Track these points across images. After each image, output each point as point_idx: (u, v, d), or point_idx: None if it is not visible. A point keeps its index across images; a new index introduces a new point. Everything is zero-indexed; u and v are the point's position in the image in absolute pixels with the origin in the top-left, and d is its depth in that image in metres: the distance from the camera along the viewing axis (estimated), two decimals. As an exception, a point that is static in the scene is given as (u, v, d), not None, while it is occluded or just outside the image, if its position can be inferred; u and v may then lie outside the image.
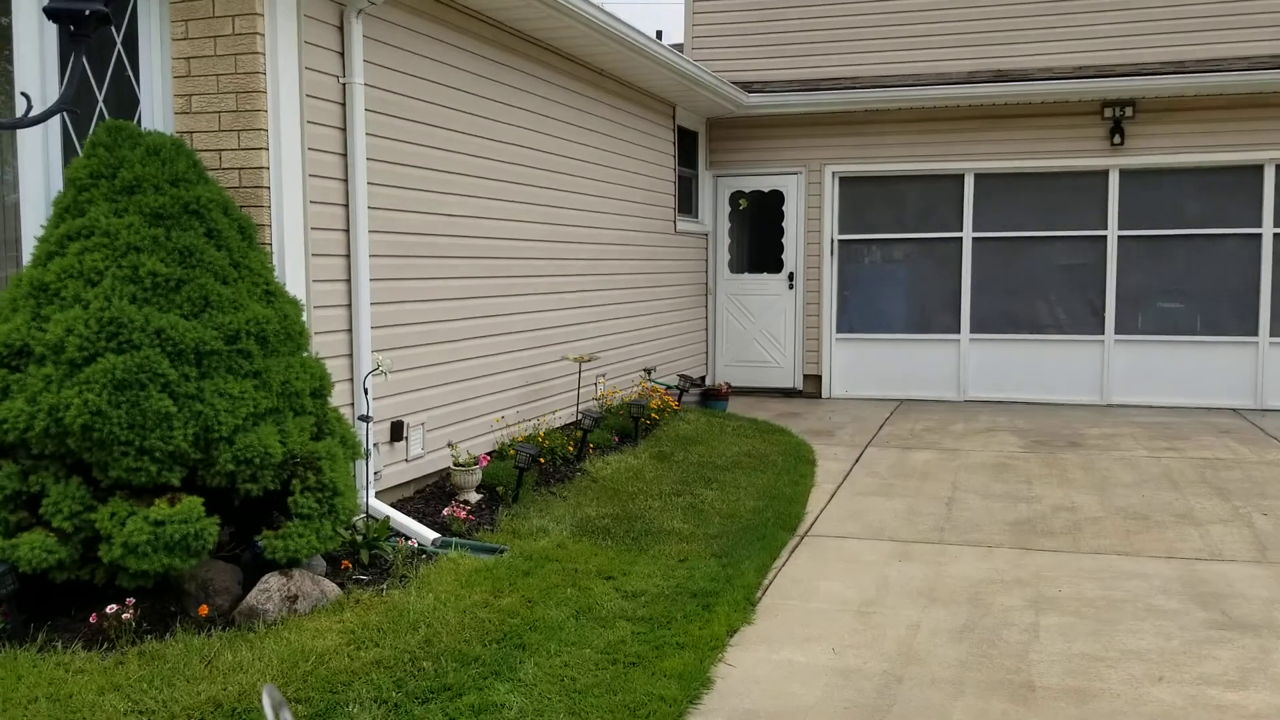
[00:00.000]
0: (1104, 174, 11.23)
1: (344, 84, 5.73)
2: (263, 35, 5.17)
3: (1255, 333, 10.98)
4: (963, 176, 11.65)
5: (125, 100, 5.38)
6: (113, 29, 5.33)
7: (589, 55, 8.63)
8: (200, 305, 4.68)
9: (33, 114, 3.30)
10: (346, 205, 5.80)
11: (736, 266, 12.67)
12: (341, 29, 5.70)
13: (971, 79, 11.21)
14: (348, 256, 5.82)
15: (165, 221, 4.73)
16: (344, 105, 5.75)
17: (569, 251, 8.66)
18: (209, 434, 4.55)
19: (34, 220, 5.43)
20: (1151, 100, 10.91)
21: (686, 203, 12.08)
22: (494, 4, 6.93)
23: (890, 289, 12.11)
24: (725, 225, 12.54)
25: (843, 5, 11.94)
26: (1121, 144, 11.00)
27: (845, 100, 11.43)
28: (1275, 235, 10.87)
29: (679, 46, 12.86)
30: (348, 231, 5.81)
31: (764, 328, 12.47)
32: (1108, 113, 10.97)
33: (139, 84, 5.35)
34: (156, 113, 5.34)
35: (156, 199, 4.73)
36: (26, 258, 5.19)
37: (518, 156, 7.75)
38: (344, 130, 5.76)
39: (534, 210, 8.02)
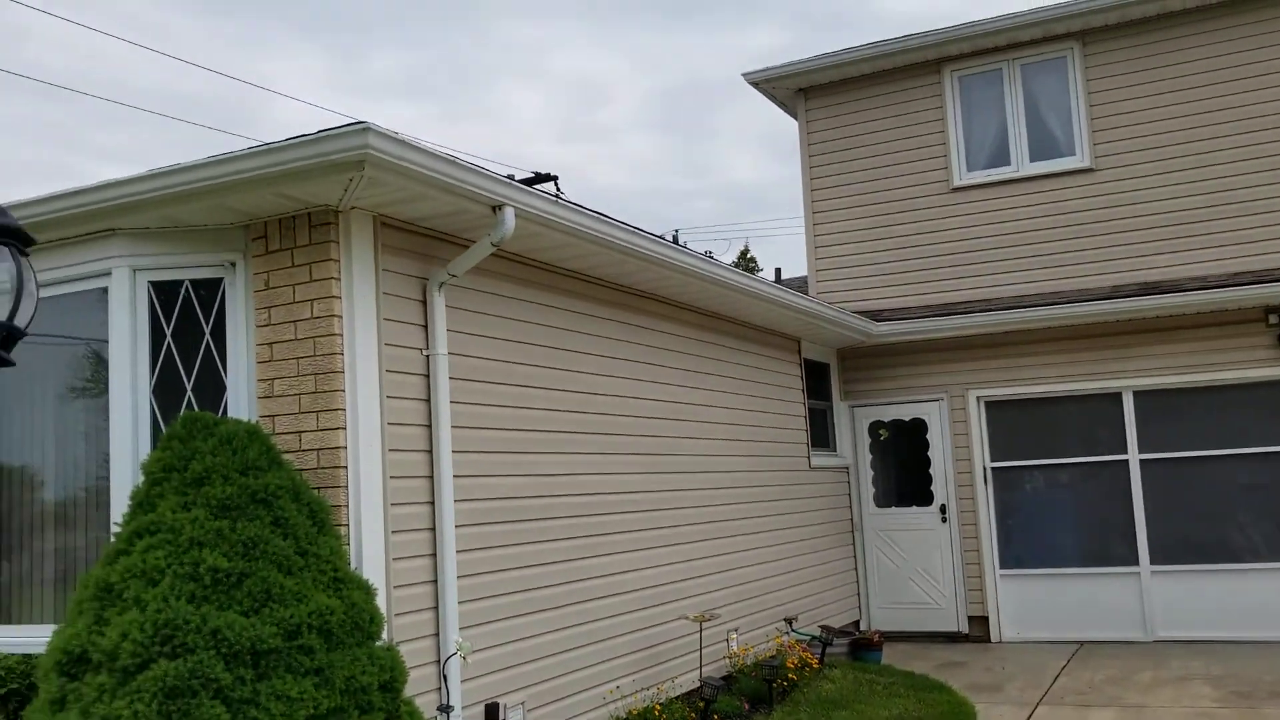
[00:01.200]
0: (1277, 384, 10.24)
1: (427, 355, 5.68)
2: (340, 317, 5.18)
3: None
4: (1120, 394, 10.83)
5: (213, 387, 5.44)
6: (201, 320, 5.46)
7: (697, 300, 8.51)
8: (261, 599, 4.47)
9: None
10: (431, 477, 5.62)
11: (882, 500, 11.98)
12: (424, 302, 5.70)
13: (1116, 293, 10.59)
14: (432, 529, 5.59)
15: (231, 513, 4.61)
16: (427, 376, 5.67)
17: (686, 499, 8.27)
18: (262, 741, 4.23)
19: (120, 513, 5.44)
20: (1323, 301, 10.02)
21: (822, 436, 11.61)
22: (588, 263, 6.90)
23: (1055, 518, 11.16)
24: (866, 457, 11.96)
25: (970, 229, 11.65)
26: (1295, 350, 10.07)
27: (981, 323, 10.94)
28: None
29: (802, 281, 12.74)
30: (432, 504, 5.61)
31: (919, 565, 11.62)
32: (1273, 319, 10.10)
33: (225, 370, 5.41)
34: (241, 397, 5.36)
35: (224, 490, 4.63)
36: (113, 550, 5.14)
37: (623, 407, 7.54)
38: (427, 401, 5.66)
39: (643, 460, 7.73)
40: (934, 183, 11.83)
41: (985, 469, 11.34)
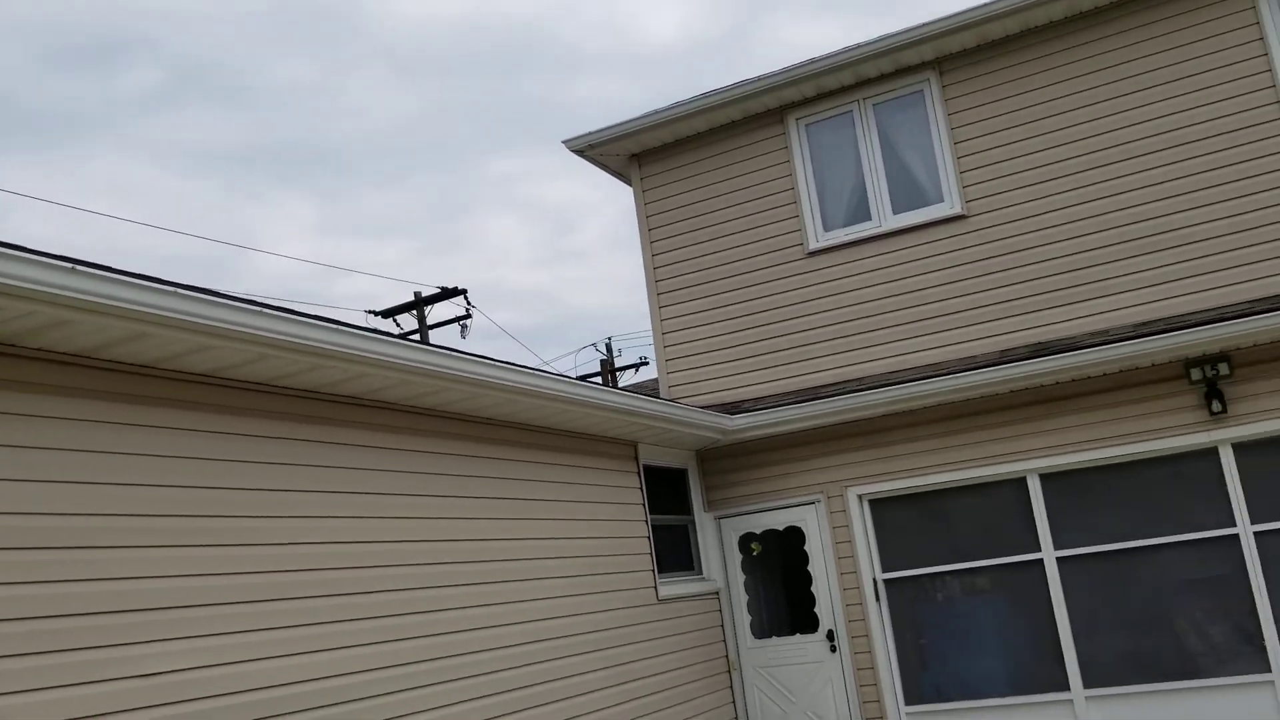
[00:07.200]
0: (1211, 453, 8.37)
1: None
2: None
3: None
4: (1024, 479, 8.92)
5: None
6: None
7: (445, 403, 6.58)
8: None
9: None
10: None
11: (761, 630, 9.90)
12: None
13: (1004, 359, 8.75)
14: None
15: None
16: None
17: (457, 667, 6.20)
18: None
19: None
20: (1250, 350, 8.23)
21: (683, 557, 9.59)
22: (217, 363, 4.95)
23: (966, 637, 9.13)
24: (739, 578, 9.91)
25: (833, 297, 9.83)
26: (1224, 411, 8.23)
27: (847, 406, 9.06)
28: None
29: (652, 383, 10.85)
30: None
31: (809, 708, 9.49)
32: (1195, 375, 8.30)
33: None
34: None
35: None
36: None
37: (341, 556, 5.52)
38: None
39: (381, 625, 5.67)
40: (788, 248, 10.07)
41: (876, 581, 9.32)
